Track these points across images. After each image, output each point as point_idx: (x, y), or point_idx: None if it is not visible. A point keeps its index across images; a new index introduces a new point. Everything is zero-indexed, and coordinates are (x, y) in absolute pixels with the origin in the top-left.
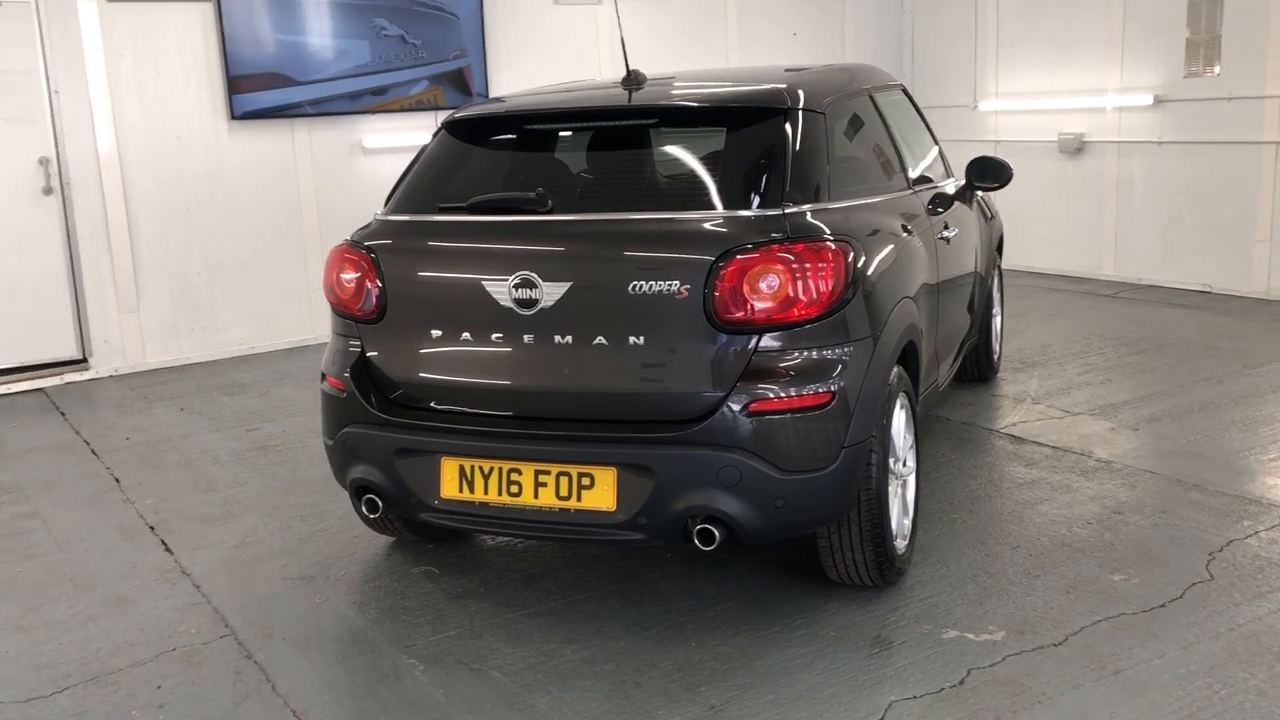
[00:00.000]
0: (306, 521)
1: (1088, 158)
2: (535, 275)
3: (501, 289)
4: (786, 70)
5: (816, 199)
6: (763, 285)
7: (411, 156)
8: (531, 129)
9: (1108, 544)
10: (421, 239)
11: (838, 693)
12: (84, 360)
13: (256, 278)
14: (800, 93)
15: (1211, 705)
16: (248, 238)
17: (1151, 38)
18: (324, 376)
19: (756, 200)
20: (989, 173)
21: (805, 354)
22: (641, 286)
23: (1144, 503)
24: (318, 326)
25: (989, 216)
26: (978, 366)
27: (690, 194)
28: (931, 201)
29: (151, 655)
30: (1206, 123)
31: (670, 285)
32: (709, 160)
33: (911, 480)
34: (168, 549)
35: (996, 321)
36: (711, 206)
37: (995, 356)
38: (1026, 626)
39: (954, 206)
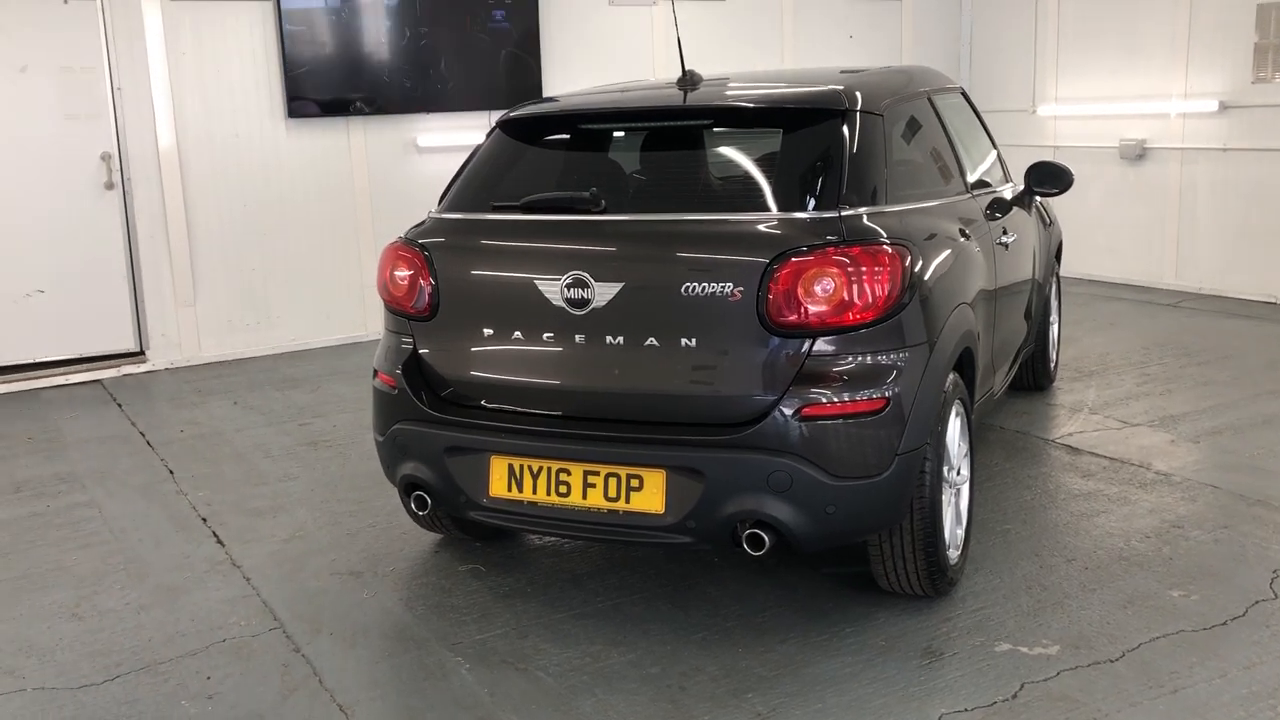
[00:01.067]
0: (355, 517)
1: (1150, 164)
2: (588, 275)
3: (554, 288)
4: (843, 72)
5: (873, 202)
6: (817, 288)
7: (464, 155)
8: (585, 128)
9: (1166, 559)
10: (475, 237)
11: (886, 703)
12: (141, 353)
13: (311, 274)
14: (858, 94)
15: None
16: (303, 235)
17: (1218, 42)
18: (376, 373)
19: (812, 202)
20: (1049, 178)
21: (860, 359)
22: (694, 288)
23: (1204, 517)
24: (370, 323)
25: (1048, 223)
26: (1034, 375)
27: (745, 195)
28: (990, 206)
29: (202, 646)
30: (1274, 130)
31: (724, 287)
32: (764, 161)
33: (965, 489)
34: (219, 541)
35: (1054, 329)
36: (766, 208)
37: (1052, 365)
38: (1082, 641)
39: (1012, 212)
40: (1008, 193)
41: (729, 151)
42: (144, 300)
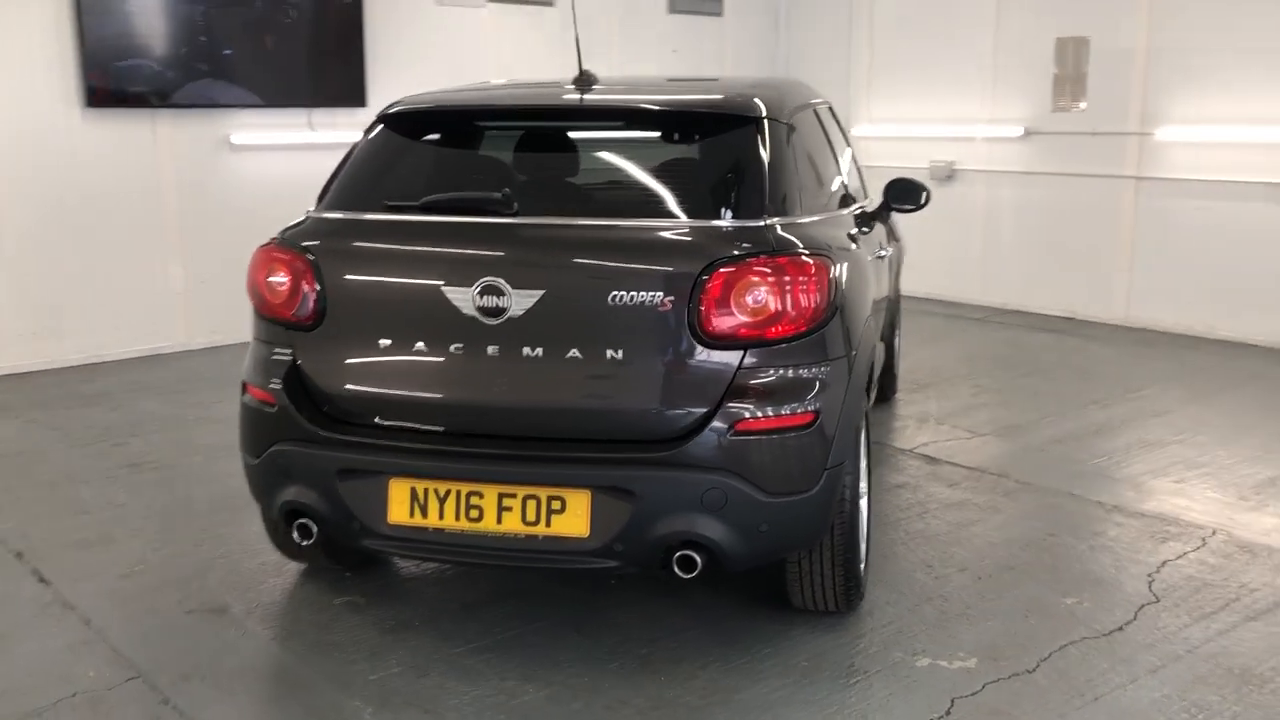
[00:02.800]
0: (203, 547)
1: (958, 185)
2: (503, 282)
3: (464, 296)
4: (719, 80)
5: (788, 212)
6: (749, 299)
7: (283, 155)
8: (483, 126)
9: (1050, 567)
10: (368, 239)
11: None
12: None
13: (108, 280)
14: (767, 102)
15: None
16: (100, 236)
17: (1021, 72)
18: (245, 387)
19: (738, 211)
20: (906, 194)
21: (788, 372)
22: (622, 297)
23: (1073, 525)
24: (175, 333)
25: (897, 239)
26: (880, 386)
27: (666, 202)
28: (860, 220)
29: (49, 702)
30: (1072, 156)
31: (654, 296)
32: (682, 167)
33: (864, 503)
34: (42, 579)
35: (897, 341)
36: (691, 215)
37: (895, 377)
38: (996, 652)
39: (876, 226)
40: (870, 207)
41: (642, 155)
42: None
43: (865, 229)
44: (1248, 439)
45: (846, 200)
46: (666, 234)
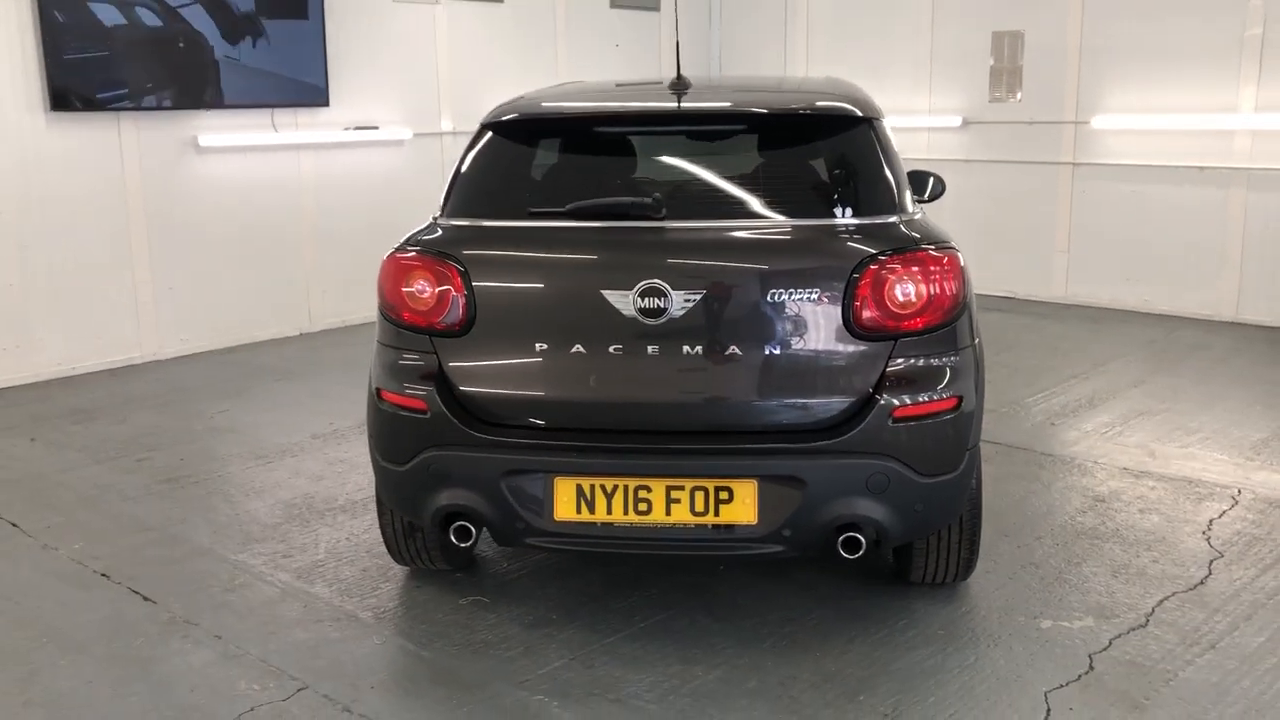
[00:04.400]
0: (290, 557)
1: None
2: (664, 284)
3: (625, 298)
4: (803, 80)
5: (905, 208)
6: (898, 292)
7: (252, 156)
8: (603, 132)
9: (1115, 530)
10: (518, 245)
11: (991, 689)
12: None
13: (79, 289)
14: (864, 103)
15: None
16: (69, 244)
17: (959, 65)
18: (380, 394)
19: (870, 209)
20: (920, 186)
21: (933, 360)
22: (779, 294)
23: (1113, 491)
24: (146, 342)
25: None
26: None
27: (804, 202)
28: None
29: (232, 717)
30: (1010, 144)
31: (809, 293)
32: (809, 168)
33: None
34: (145, 598)
35: None
36: (830, 215)
37: None
38: (1106, 611)
39: None
40: None
41: (772, 157)
42: None
43: None
44: (1222, 404)
45: None
46: (817, 234)
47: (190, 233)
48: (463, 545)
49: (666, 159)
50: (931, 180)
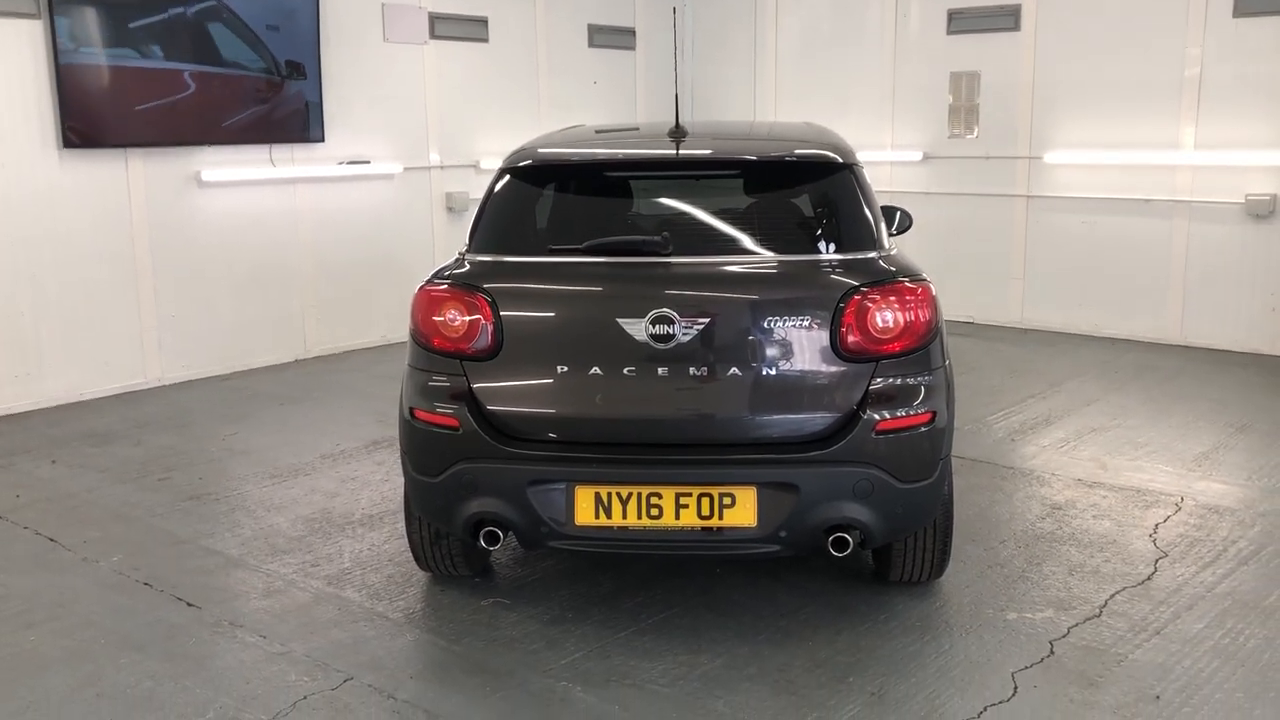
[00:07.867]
0: (318, 566)
1: None
2: (673, 312)
3: (638, 325)
4: (785, 127)
5: (884, 245)
6: (879, 319)
7: (253, 190)
8: (611, 177)
9: (1069, 534)
10: (541, 279)
11: (964, 670)
12: None
13: (88, 319)
14: (844, 150)
15: (1248, 640)
16: (79, 275)
17: (920, 103)
18: (414, 413)
19: (852, 245)
20: (893, 220)
21: (910, 379)
22: (775, 322)
23: (1068, 500)
24: (150, 369)
25: None
26: None
27: (793, 239)
28: None
29: (288, 704)
30: (968, 178)
31: (800, 320)
32: (800, 209)
33: None
34: (190, 604)
35: None
36: (817, 250)
37: None
38: (1063, 604)
39: None
40: None
41: (760, 199)
42: None
43: None
44: (1167, 421)
45: None
46: (806, 268)
47: (192, 263)
48: (491, 549)
49: (670, 200)
50: (899, 214)
